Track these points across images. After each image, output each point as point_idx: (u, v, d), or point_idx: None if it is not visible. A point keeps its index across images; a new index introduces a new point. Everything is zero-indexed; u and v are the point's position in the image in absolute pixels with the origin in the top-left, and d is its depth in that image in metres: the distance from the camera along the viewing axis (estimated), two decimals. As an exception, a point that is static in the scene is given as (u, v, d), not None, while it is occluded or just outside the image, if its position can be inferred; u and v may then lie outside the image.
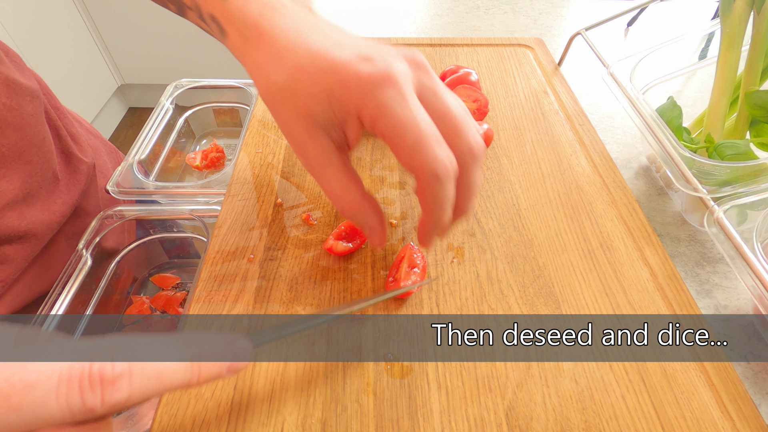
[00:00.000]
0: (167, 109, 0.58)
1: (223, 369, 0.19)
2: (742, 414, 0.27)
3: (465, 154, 0.25)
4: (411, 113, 0.23)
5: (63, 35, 1.56)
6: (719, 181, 0.34)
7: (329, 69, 0.24)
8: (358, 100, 0.24)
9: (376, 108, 0.23)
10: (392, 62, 0.24)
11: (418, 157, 0.24)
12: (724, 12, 0.39)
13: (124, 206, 0.47)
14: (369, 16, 0.70)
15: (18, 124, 0.39)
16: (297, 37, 0.26)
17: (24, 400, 0.14)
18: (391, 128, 0.24)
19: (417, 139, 0.23)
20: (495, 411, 0.27)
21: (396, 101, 0.23)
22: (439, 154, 0.24)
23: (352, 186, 0.27)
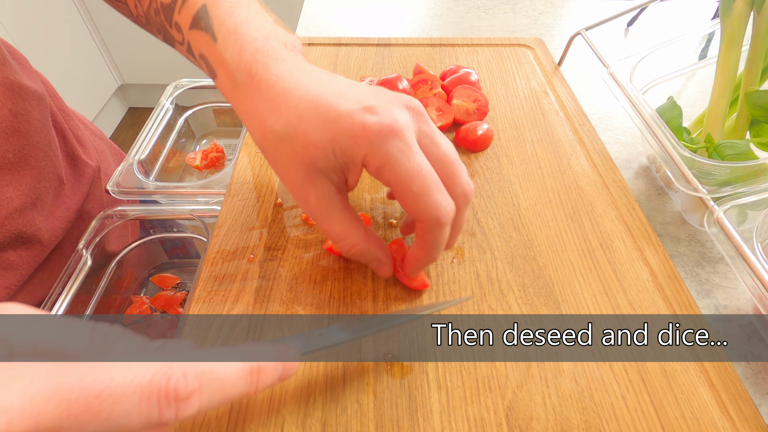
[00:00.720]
0: (167, 109, 0.58)
1: (276, 378, 0.20)
2: (742, 414, 0.27)
3: (459, 197, 0.27)
4: (416, 163, 0.25)
5: (63, 35, 1.56)
6: (719, 181, 0.34)
7: (333, 119, 0.25)
8: (366, 150, 0.24)
9: (383, 158, 0.24)
10: (396, 113, 0.25)
11: (423, 205, 0.25)
12: (724, 12, 0.39)
13: (125, 206, 0.47)
14: (369, 16, 0.70)
15: (24, 129, 0.38)
16: (293, 84, 0.26)
17: (111, 414, 0.15)
18: (397, 178, 0.25)
19: (422, 188, 0.25)
20: (495, 411, 0.27)
21: (402, 152, 0.24)
22: (443, 202, 0.25)
23: (355, 226, 0.28)
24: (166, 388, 0.16)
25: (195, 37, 0.29)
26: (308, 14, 0.70)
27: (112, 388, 0.15)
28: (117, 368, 0.16)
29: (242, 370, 0.19)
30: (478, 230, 0.37)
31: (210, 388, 0.17)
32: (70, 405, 0.15)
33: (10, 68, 0.38)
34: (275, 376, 0.20)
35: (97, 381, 0.15)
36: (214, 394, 0.18)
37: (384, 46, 0.57)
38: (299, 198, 0.28)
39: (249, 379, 0.19)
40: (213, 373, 0.18)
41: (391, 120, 0.24)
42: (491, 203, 0.39)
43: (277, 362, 0.20)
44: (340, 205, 0.28)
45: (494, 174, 0.41)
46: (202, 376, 0.17)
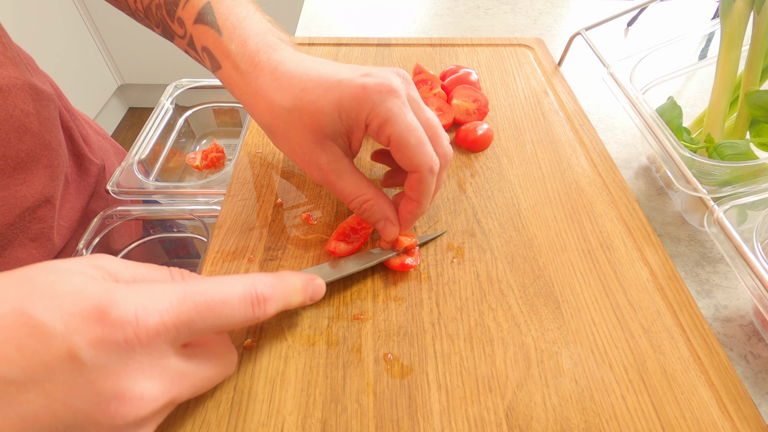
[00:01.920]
0: (167, 109, 0.58)
1: (307, 296, 0.27)
2: (742, 414, 0.27)
3: (442, 157, 0.31)
4: (413, 119, 0.28)
5: (63, 35, 1.56)
6: (719, 181, 0.34)
7: (335, 85, 0.28)
8: (369, 109, 0.28)
9: (384, 115, 0.27)
10: (389, 76, 0.28)
11: (420, 155, 0.28)
12: (724, 12, 0.39)
13: (125, 206, 0.47)
14: (369, 16, 0.70)
15: (36, 129, 0.38)
16: (294, 65, 0.30)
17: (223, 311, 0.22)
18: (398, 132, 0.28)
19: (418, 141, 0.28)
20: (495, 411, 0.27)
21: (401, 109, 0.28)
22: (433, 152, 0.29)
23: (366, 184, 0.31)
24: (255, 293, 0.23)
25: (199, 31, 0.32)
26: (308, 14, 0.70)
27: (221, 293, 0.22)
28: (220, 281, 0.22)
29: (293, 283, 0.26)
30: (478, 230, 0.37)
31: (279, 294, 0.24)
32: (197, 304, 0.21)
33: (21, 69, 0.38)
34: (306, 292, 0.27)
35: (211, 289, 0.21)
36: (281, 299, 0.25)
37: (384, 46, 0.57)
38: (311, 165, 0.30)
39: (294, 289, 0.26)
40: (277, 284, 0.25)
41: (388, 81, 0.28)
42: (491, 203, 0.39)
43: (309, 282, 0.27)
44: (350, 166, 0.30)
45: (494, 174, 0.41)
46: (274, 285, 0.24)
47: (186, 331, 0.20)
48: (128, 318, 0.19)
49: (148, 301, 0.20)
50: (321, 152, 0.29)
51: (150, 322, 0.19)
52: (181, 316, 0.20)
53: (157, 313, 0.20)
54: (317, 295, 0.28)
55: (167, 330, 0.20)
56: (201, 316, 0.21)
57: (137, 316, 0.19)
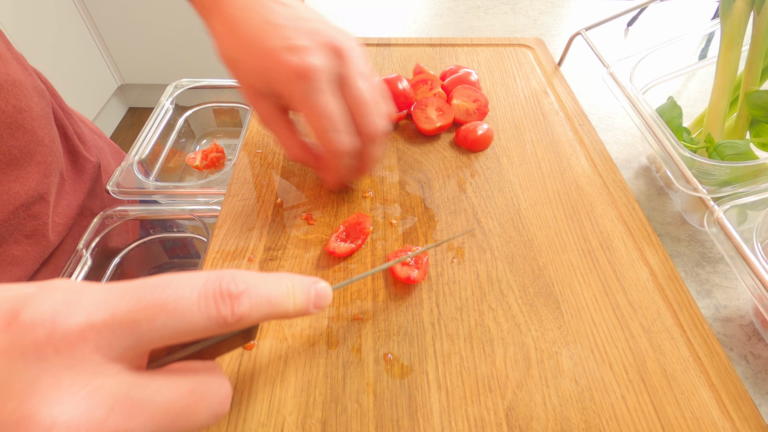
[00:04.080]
0: (167, 109, 0.58)
1: (310, 304, 0.21)
2: (742, 414, 0.27)
3: (364, 136, 0.32)
4: (321, 104, 0.29)
5: (63, 35, 1.56)
6: (719, 181, 0.34)
7: (262, 53, 0.29)
8: (281, 86, 0.29)
9: (295, 95, 0.29)
10: (314, 57, 0.29)
11: (323, 140, 0.31)
12: (724, 12, 0.39)
13: (125, 206, 0.47)
14: (369, 16, 0.70)
15: (29, 125, 0.38)
16: (245, 13, 0.30)
17: (176, 308, 0.16)
18: (305, 113, 0.30)
19: (322, 126, 0.30)
20: (495, 411, 0.27)
21: (310, 93, 0.29)
22: (340, 139, 0.31)
23: (293, 138, 0.34)
24: (219, 287, 0.18)
25: None
26: (308, 14, 0.70)
27: (173, 286, 0.17)
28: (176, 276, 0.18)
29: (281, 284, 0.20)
30: (478, 230, 0.37)
31: (256, 293, 0.19)
32: (140, 299, 0.16)
33: (10, 65, 0.38)
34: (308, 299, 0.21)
35: (160, 281, 0.17)
36: (260, 301, 0.19)
37: (384, 46, 0.57)
38: (249, 105, 0.35)
39: (288, 296, 0.20)
40: (257, 280, 0.19)
41: (305, 63, 0.28)
42: (491, 203, 0.39)
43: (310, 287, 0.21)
44: (282, 120, 0.33)
45: (494, 174, 0.41)
46: (248, 281, 0.19)
47: (127, 335, 0.16)
48: (43, 318, 0.15)
49: (73, 299, 0.15)
50: (257, 102, 0.32)
51: (71, 323, 0.15)
52: (117, 315, 0.15)
53: (83, 312, 0.15)
54: (321, 301, 0.22)
55: (98, 333, 0.15)
56: (147, 315, 0.16)
57: (54, 316, 0.15)
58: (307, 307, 0.21)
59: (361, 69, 0.32)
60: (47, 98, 0.43)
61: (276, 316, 0.20)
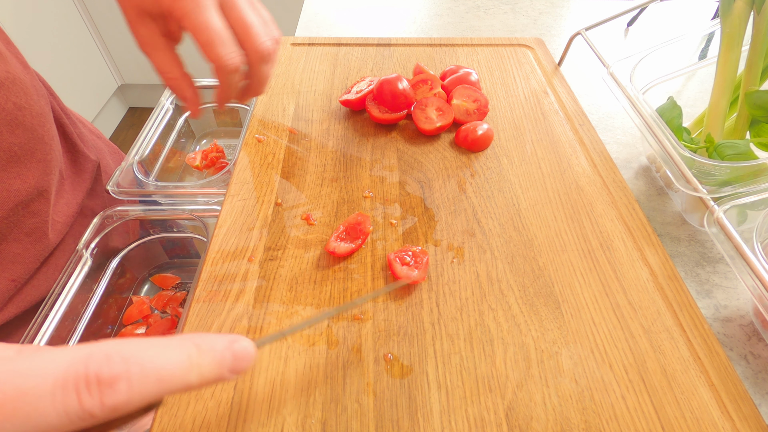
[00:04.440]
0: (167, 109, 0.58)
1: (224, 370, 0.17)
2: (742, 414, 0.27)
3: (252, 53, 0.34)
4: (205, 19, 0.31)
5: (63, 35, 1.56)
6: (719, 181, 0.34)
7: None
8: (169, 3, 0.31)
9: (180, 11, 0.30)
10: None
11: (209, 54, 0.31)
12: (724, 12, 0.39)
13: (125, 206, 0.47)
14: (369, 16, 0.70)
15: (29, 123, 0.39)
16: None
17: (18, 408, 0.13)
18: (191, 29, 0.31)
19: (208, 39, 0.31)
20: (495, 411, 0.27)
21: (195, 8, 0.30)
22: (224, 53, 0.32)
23: (174, 65, 0.34)
24: (85, 373, 0.14)
25: None
26: (308, 14, 0.70)
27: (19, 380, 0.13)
28: (37, 358, 0.14)
29: (179, 353, 0.16)
30: (478, 230, 0.37)
31: (140, 373, 0.15)
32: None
33: (10, 63, 0.38)
34: (222, 369, 0.17)
35: (3, 378, 0.13)
36: (147, 381, 0.15)
37: (384, 46, 0.57)
38: (134, 34, 0.34)
39: (188, 368, 0.16)
40: (143, 355, 0.15)
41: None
42: (491, 203, 0.39)
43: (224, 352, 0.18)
44: (164, 45, 0.34)
45: (494, 174, 0.41)
46: (130, 360, 0.15)
47: None
48: None
49: None
50: (140, 25, 0.33)
51: None
52: None
53: None
54: (240, 363, 0.18)
55: None
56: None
57: None
58: (219, 374, 0.17)
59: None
60: (46, 97, 0.43)
61: (174, 391, 0.16)
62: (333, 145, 0.44)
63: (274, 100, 0.49)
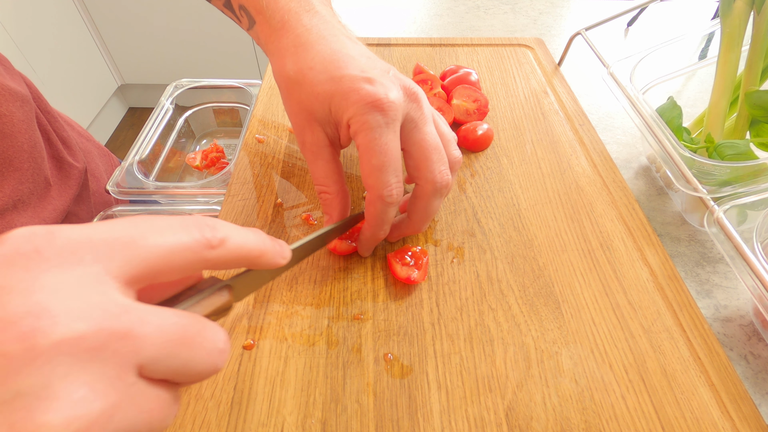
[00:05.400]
0: (167, 109, 0.58)
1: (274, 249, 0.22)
2: (742, 414, 0.27)
3: (427, 183, 0.30)
4: (385, 141, 0.27)
5: (63, 35, 1.56)
6: (719, 181, 0.34)
7: (336, 78, 0.28)
8: (351, 113, 0.27)
9: (361, 125, 0.27)
10: (389, 90, 0.27)
11: (374, 178, 0.28)
12: (724, 12, 0.39)
13: (124, 206, 0.47)
14: (369, 16, 0.70)
15: (7, 131, 0.38)
16: (316, 37, 0.30)
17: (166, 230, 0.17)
18: (365, 147, 0.28)
19: (380, 165, 0.27)
20: (495, 411, 0.27)
21: (378, 126, 0.27)
22: (392, 183, 0.28)
23: (335, 178, 0.31)
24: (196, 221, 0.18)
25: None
26: (308, 14, 0.70)
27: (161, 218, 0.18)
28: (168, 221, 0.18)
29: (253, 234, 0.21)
30: (478, 230, 0.37)
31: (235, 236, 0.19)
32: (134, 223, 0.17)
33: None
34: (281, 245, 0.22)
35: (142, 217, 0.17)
36: (239, 243, 0.19)
37: (384, 46, 0.57)
38: (298, 138, 0.31)
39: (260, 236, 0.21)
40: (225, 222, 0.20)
41: (381, 95, 0.27)
42: (491, 203, 0.39)
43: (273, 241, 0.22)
44: (329, 154, 0.31)
45: (494, 174, 0.41)
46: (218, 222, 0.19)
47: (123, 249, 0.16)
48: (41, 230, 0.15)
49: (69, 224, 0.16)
50: (308, 131, 0.30)
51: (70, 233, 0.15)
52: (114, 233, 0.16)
53: (81, 228, 0.16)
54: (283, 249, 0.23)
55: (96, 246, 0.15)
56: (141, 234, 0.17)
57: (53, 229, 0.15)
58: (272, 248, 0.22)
59: (430, 112, 0.30)
60: (30, 104, 0.42)
61: (250, 249, 0.20)
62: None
63: (274, 100, 0.49)
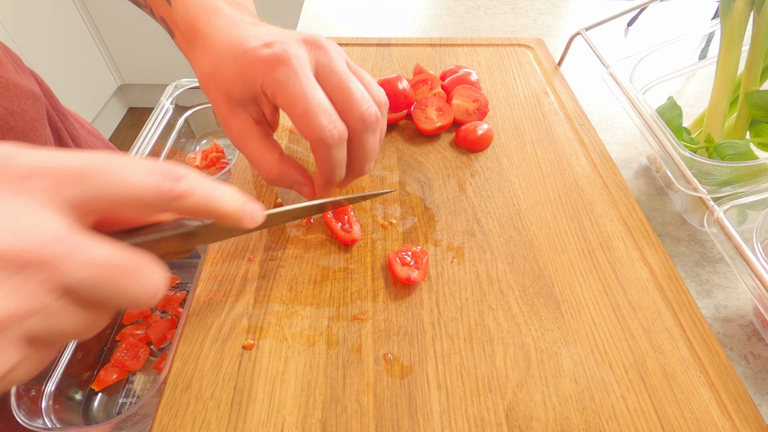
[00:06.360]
0: (167, 109, 0.58)
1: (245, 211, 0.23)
2: (742, 414, 0.27)
3: (356, 122, 0.30)
4: (301, 88, 0.28)
5: (63, 35, 1.56)
6: (719, 181, 0.34)
7: (240, 56, 0.29)
8: (261, 78, 0.28)
9: (273, 83, 0.28)
10: (288, 46, 0.28)
11: (307, 125, 0.28)
12: (724, 12, 0.39)
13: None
14: (369, 16, 0.70)
15: (20, 128, 0.38)
16: (223, 33, 0.31)
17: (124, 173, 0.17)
18: (285, 100, 0.28)
19: (305, 109, 0.28)
20: (495, 411, 0.27)
21: (288, 78, 0.28)
22: (324, 122, 0.28)
23: (270, 152, 0.31)
24: (164, 168, 0.19)
25: (154, 2, 0.34)
26: (308, 14, 0.70)
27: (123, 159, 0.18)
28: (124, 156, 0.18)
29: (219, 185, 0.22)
30: (478, 230, 0.37)
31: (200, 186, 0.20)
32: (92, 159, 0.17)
33: (4, 67, 0.38)
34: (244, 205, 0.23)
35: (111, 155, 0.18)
36: (204, 194, 0.20)
37: (384, 46, 0.57)
38: (225, 128, 0.32)
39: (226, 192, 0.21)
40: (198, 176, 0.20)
41: (280, 51, 0.28)
42: (491, 203, 0.39)
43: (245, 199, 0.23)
44: (258, 134, 0.31)
45: (494, 174, 0.41)
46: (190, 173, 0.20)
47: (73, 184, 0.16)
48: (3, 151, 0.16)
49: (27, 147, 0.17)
50: (231, 117, 0.31)
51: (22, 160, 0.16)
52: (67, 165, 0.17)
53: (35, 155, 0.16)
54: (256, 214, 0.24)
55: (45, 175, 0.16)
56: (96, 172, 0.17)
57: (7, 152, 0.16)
58: (241, 210, 0.23)
59: (340, 56, 0.31)
60: (42, 101, 0.43)
61: (214, 208, 0.21)
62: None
63: (274, 100, 0.49)
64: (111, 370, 0.45)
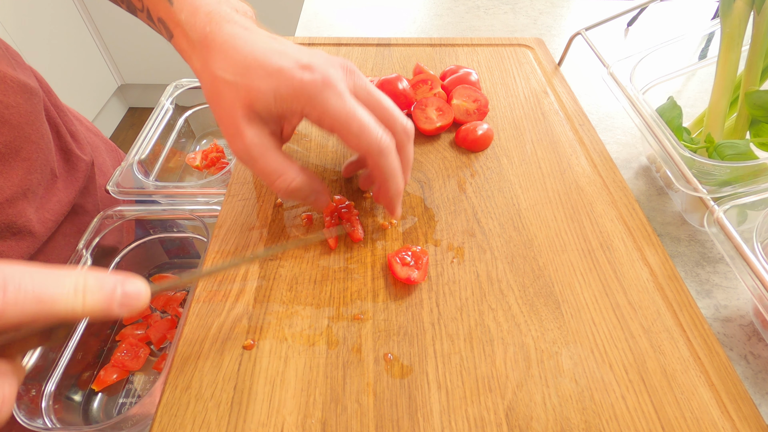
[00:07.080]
0: (167, 109, 0.58)
1: (114, 304, 0.19)
2: (742, 414, 0.27)
3: (400, 133, 0.31)
4: (350, 107, 0.29)
5: (63, 35, 1.56)
6: (719, 181, 0.34)
7: (274, 71, 0.29)
8: (305, 102, 0.29)
9: (320, 108, 0.29)
10: (328, 69, 0.29)
11: (365, 140, 0.29)
12: (724, 12, 0.39)
13: (124, 206, 0.47)
14: (369, 16, 0.70)
15: (15, 121, 0.39)
16: (243, 42, 0.30)
17: None
18: (337, 122, 0.29)
19: (359, 126, 0.29)
20: (495, 411, 0.27)
21: (336, 102, 0.29)
22: (380, 134, 0.29)
23: (289, 164, 0.31)
24: None
25: (153, 2, 0.34)
26: (308, 14, 0.70)
27: None
28: None
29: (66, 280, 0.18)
30: (478, 230, 0.37)
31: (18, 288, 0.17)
32: None
33: (3, 62, 0.39)
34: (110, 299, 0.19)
35: None
36: (25, 297, 0.17)
37: (384, 46, 0.57)
38: (235, 136, 0.30)
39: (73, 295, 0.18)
40: (26, 275, 0.17)
41: (324, 75, 0.28)
42: (491, 203, 0.39)
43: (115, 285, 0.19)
44: (276, 145, 0.31)
45: (494, 174, 0.41)
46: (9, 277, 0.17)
47: None
48: None
49: None
50: (248, 126, 0.30)
51: None
52: None
53: None
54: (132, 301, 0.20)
55: None
56: None
57: None
58: (108, 307, 0.19)
59: (368, 81, 0.32)
60: (39, 96, 0.43)
61: (55, 314, 0.18)
62: (333, 145, 0.44)
63: (274, 100, 0.49)
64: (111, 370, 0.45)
